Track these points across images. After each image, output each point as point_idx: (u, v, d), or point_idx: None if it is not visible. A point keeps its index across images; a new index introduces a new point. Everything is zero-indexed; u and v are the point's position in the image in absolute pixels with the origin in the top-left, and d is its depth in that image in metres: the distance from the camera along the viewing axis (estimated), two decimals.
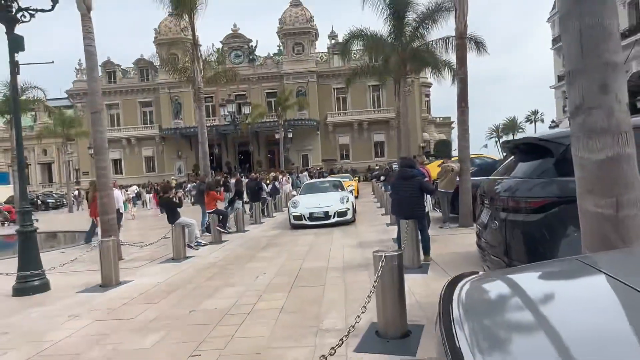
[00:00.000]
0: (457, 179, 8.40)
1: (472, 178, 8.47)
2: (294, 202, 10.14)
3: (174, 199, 7.96)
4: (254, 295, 4.65)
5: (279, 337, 3.37)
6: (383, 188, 15.64)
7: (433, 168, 9.55)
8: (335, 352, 2.36)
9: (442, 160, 9.09)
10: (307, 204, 9.91)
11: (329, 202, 9.89)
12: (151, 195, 22.45)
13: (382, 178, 18.01)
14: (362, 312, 2.77)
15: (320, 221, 9.60)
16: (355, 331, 3.27)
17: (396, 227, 9.06)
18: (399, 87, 25.71)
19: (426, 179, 5.84)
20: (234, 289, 5.04)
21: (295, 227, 9.79)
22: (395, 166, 20.44)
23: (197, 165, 39.21)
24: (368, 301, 2.88)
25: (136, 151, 40.68)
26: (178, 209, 7.89)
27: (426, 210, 5.64)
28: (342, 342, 2.38)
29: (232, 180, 12.29)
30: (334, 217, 9.62)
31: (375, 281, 3.02)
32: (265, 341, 3.31)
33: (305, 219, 9.66)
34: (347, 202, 9.86)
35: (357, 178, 18.26)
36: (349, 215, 9.74)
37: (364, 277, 5.04)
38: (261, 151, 39.04)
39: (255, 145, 37.48)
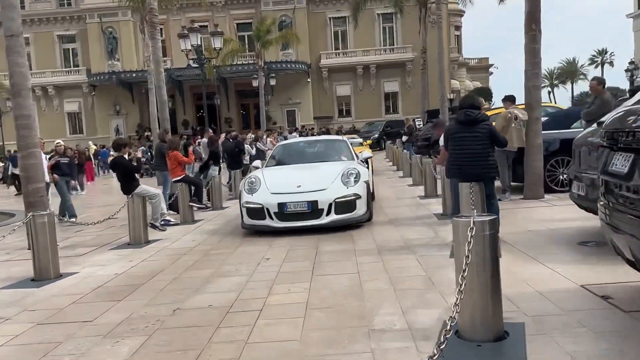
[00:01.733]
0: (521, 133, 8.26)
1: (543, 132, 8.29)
2: (251, 181, 7.10)
3: (132, 160, 7.59)
4: (261, 287, 4.54)
5: (315, 341, 3.24)
6: (406, 151, 15.59)
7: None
8: None
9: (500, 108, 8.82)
10: (276, 184, 6.93)
11: (320, 180, 6.89)
12: (46, 163, 21.96)
13: (404, 138, 17.89)
14: (458, 300, 2.54)
15: (299, 221, 6.63)
16: (422, 332, 3.23)
17: (434, 199, 9.70)
18: (424, 14, 25.19)
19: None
20: (230, 279, 4.92)
21: (251, 229, 6.97)
22: (419, 122, 20.38)
23: (142, 125, 39.42)
24: (460, 287, 2.65)
25: (55, 105, 39.70)
26: (134, 176, 7.54)
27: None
28: (440, 350, 2.14)
29: (202, 140, 11.88)
30: (328, 212, 6.61)
31: (466, 260, 2.78)
32: (298, 347, 3.15)
33: (270, 216, 6.70)
34: (355, 181, 6.83)
35: (368, 142, 15.85)
36: (360, 209, 6.74)
37: (410, 262, 5.04)
38: (232, 106, 38.63)
39: (223, 97, 36.92)
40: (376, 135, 30.64)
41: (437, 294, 3.95)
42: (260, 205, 6.83)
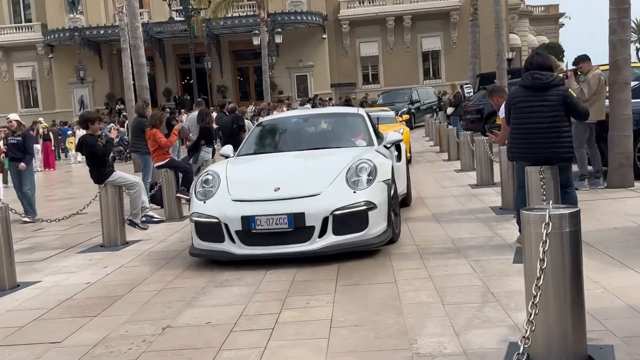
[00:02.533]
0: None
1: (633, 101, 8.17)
2: (206, 180, 6.00)
3: (100, 141, 7.66)
4: (270, 300, 4.60)
5: None
6: (452, 127, 15.55)
7: None
8: None
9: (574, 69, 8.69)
10: (242, 185, 5.86)
11: (312, 179, 5.78)
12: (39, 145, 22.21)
13: (450, 110, 17.81)
14: (532, 317, 2.53)
15: (275, 246, 5.46)
16: (481, 357, 3.26)
17: (490, 189, 9.61)
18: None
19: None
20: (230, 290, 4.97)
21: (203, 257, 5.86)
22: (468, 90, 20.25)
23: (112, 96, 39.69)
24: (533, 299, 2.64)
25: (2, 72, 40.18)
26: (106, 160, 7.62)
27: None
28: None
29: (190, 114, 11.95)
30: (323, 231, 5.42)
31: (540, 266, 2.77)
32: None
33: (230, 237, 5.52)
34: (369, 181, 5.69)
35: (405, 117, 15.43)
36: (375, 226, 5.55)
37: (461, 268, 5.07)
38: (226, 70, 38.73)
39: (215, 60, 37.04)
40: (404, 109, 26.09)
41: (499, 309, 3.96)
42: (216, 220, 5.54)
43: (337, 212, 5.44)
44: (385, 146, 6.96)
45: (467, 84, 23.56)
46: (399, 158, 7.53)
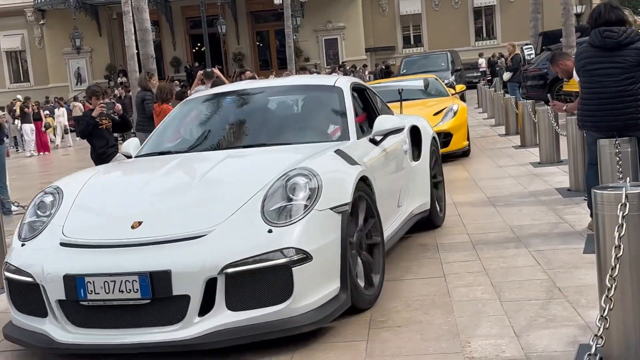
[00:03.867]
0: None
1: None
2: (41, 204, 4.40)
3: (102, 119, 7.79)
4: None
5: None
6: (509, 95, 15.39)
7: None
8: None
9: None
10: (86, 215, 4.32)
11: (209, 204, 4.14)
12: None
13: (506, 75, 17.61)
14: (606, 312, 2.52)
15: (117, 331, 3.78)
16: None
17: (556, 167, 9.47)
18: None
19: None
20: None
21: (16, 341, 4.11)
22: (529, 52, 19.98)
23: (113, 67, 40.12)
24: (608, 293, 2.63)
25: None
26: (107, 138, 7.76)
27: None
28: None
29: (200, 87, 12.04)
30: (203, 307, 3.73)
31: (616, 253, 2.75)
32: None
33: (52, 312, 3.90)
34: (308, 205, 3.96)
35: (461, 87, 13.65)
36: (314, 290, 3.84)
37: (522, 260, 5.05)
38: (243, 35, 38.87)
39: (231, 23, 37.16)
40: (450, 79, 21.97)
41: (567, 306, 3.95)
42: (30, 279, 3.93)
43: (232, 270, 3.64)
44: (372, 140, 5.15)
45: (528, 45, 23.23)
46: (417, 155, 6.10)
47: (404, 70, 24.39)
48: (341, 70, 28.16)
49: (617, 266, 2.74)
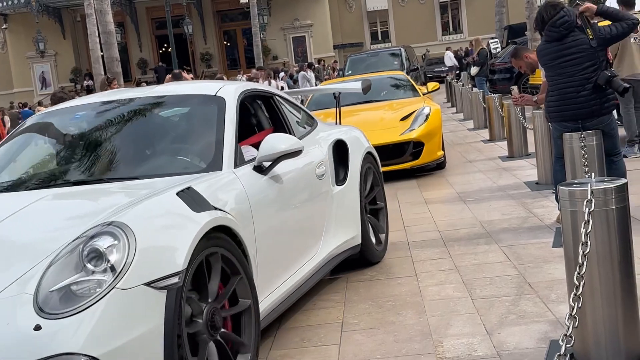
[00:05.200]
0: None
1: None
2: None
3: None
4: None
5: None
6: (477, 90, 15.48)
7: None
8: None
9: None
10: None
11: None
12: None
13: (474, 70, 17.71)
14: (574, 311, 2.52)
15: None
16: (521, 357, 3.26)
17: (524, 161, 9.43)
18: None
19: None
20: None
21: None
22: (495, 45, 20.10)
23: (79, 70, 39.58)
24: (575, 290, 2.62)
25: None
26: None
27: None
28: None
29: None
30: None
31: (583, 250, 2.74)
32: None
33: None
34: (93, 300, 2.62)
35: (434, 85, 11.99)
36: None
37: (493, 256, 5.06)
38: (210, 35, 38.59)
39: (197, 23, 36.87)
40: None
41: (537, 302, 3.96)
42: None
43: None
44: (258, 167, 3.91)
45: (494, 39, 23.41)
46: (343, 177, 4.94)
47: (350, 71, 20.25)
48: (313, 69, 28.09)
49: (585, 263, 2.73)
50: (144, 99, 4.51)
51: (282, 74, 23.25)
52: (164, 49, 38.37)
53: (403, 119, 9.10)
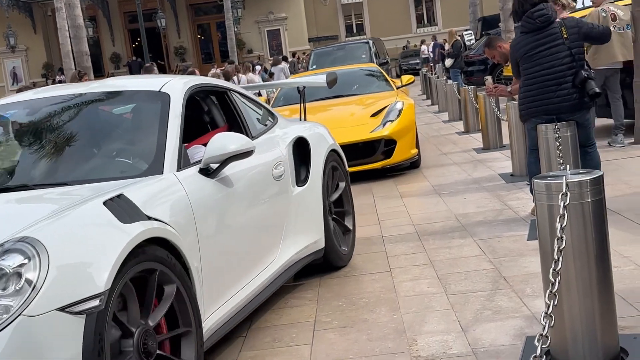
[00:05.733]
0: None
1: None
2: None
3: None
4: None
5: None
6: (452, 82, 15.48)
7: None
8: None
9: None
10: None
11: None
12: None
13: (448, 62, 17.71)
14: (550, 308, 2.44)
15: None
16: (494, 357, 3.20)
17: (498, 153, 9.28)
18: None
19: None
20: None
21: None
22: (469, 37, 20.10)
23: (51, 66, 38.98)
24: (551, 287, 2.55)
25: None
26: None
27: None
28: None
29: None
30: None
31: (558, 245, 2.67)
32: None
33: None
34: None
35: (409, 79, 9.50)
36: None
37: (467, 249, 5.00)
38: (183, 29, 38.24)
39: (170, 16, 36.50)
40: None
41: (512, 297, 3.90)
42: None
43: None
44: (205, 170, 3.58)
45: (468, 30, 23.45)
46: (305, 177, 4.63)
47: (314, 66, 18.61)
48: (289, 62, 27.91)
49: (560, 259, 2.66)
50: (82, 95, 4.07)
51: (258, 68, 23.03)
52: (137, 43, 37.88)
53: (374, 114, 8.58)
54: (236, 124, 4.35)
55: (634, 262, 4.18)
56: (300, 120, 5.42)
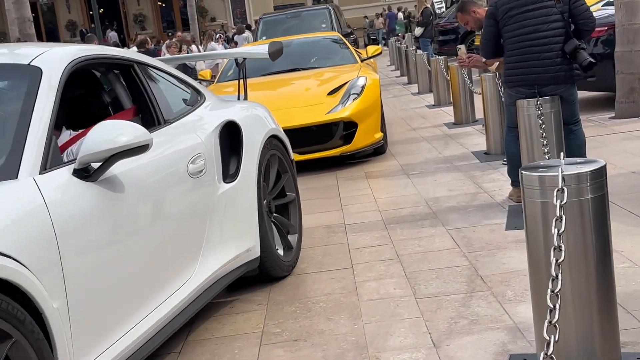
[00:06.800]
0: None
1: None
2: None
3: None
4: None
5: None
6: (422, 52, 15.02)
7: None
8: None
9: None
10: None
11: None
12: None
13: (418, 31, 17.20)
14: (549, 326, 1.94)
15: None
16: None
17: (471, 127, 8.99)
18: None
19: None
20: None
21: None
22: (440, 6, 19.63)
23: (4, 33, 37.53)
24: (549, 316, 2.05)
25: None
26: None
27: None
28: None
29: None
30: None
31: (555, 253, 2.17)
32: None
33: None
34: None
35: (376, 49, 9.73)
36: None
37: (439, 241, 4.52)
38: None
39: None
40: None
41: (491, 301, 3.42)
42: None
43: None
44: (82, 171, 2.72)
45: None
46: (234, 171, 3.85)
47: (264, 37, 15.65)
48: (250, 31, 27.06)
49: (560, 276, 2.14)
50: None
51: (220, 36, 22.18)
52: (97, 11, 36.83)
53: (332, 92, 7.44)
54: (145, 105, 3.52)
55: (628, 258, 3.73)
56: (239, 99, 4.69)
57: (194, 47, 16.08)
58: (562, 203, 2.27)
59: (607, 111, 8.02)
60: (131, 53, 4.00)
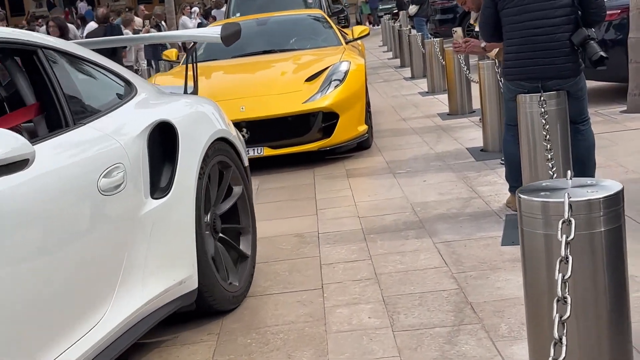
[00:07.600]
0: None
1: None
2: None
3: None
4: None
5: None
6: (416, 32, 14.76)
7: None
8: None
9: None
10: None
11: None
12: None
13: (412, 9, 16.88)
14: None
15: None
16: None
17: (466, 119, 8.68)
18: None
19: None
20: None
21: None
22: None
23: None
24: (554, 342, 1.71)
25: None
26: None
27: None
28: None
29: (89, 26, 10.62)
30: None
31: (562, 290, 1.82)
32: None
33: None
34: None
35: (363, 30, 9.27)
36: None
37: (424, 258, 4.21)
38: None
39: None
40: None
41: (481, 337, 3.09)
42: None
43: None
44: None
45: None
46: (166, 184, 3.31)
47: (237, 14, 14.64)
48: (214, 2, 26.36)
49: (566, 324, 1.79)
50: None
51: (195, 10, 21.61)
52: None
53: (310, 78, 7.04)
54: (50, 102, 3.00)
55: None
56: (186, 92, 4.21)
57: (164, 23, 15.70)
58: (569, 239, 1.91)
59: (619, 104, 7.80)
60: (38, 36, 3.37)
